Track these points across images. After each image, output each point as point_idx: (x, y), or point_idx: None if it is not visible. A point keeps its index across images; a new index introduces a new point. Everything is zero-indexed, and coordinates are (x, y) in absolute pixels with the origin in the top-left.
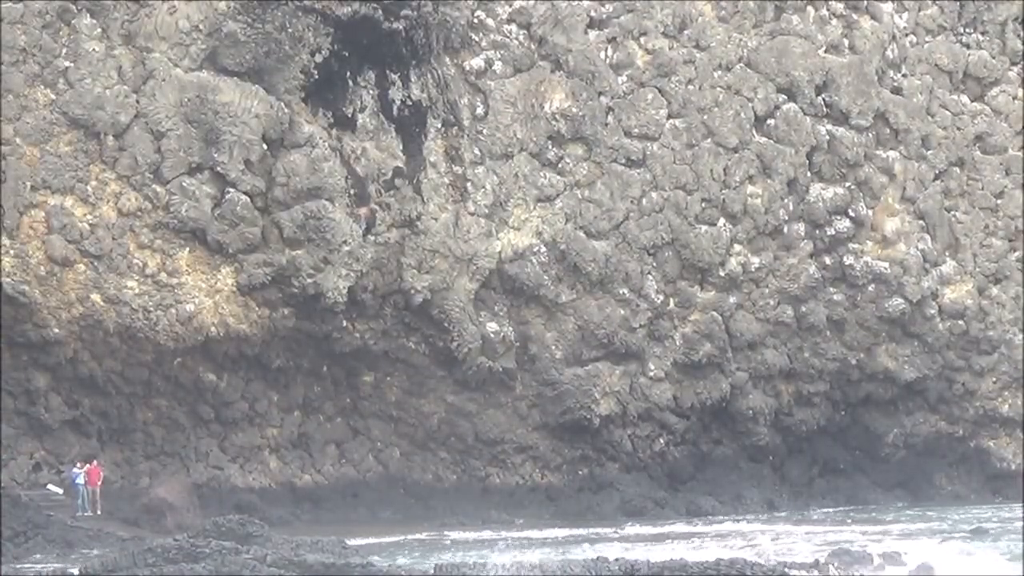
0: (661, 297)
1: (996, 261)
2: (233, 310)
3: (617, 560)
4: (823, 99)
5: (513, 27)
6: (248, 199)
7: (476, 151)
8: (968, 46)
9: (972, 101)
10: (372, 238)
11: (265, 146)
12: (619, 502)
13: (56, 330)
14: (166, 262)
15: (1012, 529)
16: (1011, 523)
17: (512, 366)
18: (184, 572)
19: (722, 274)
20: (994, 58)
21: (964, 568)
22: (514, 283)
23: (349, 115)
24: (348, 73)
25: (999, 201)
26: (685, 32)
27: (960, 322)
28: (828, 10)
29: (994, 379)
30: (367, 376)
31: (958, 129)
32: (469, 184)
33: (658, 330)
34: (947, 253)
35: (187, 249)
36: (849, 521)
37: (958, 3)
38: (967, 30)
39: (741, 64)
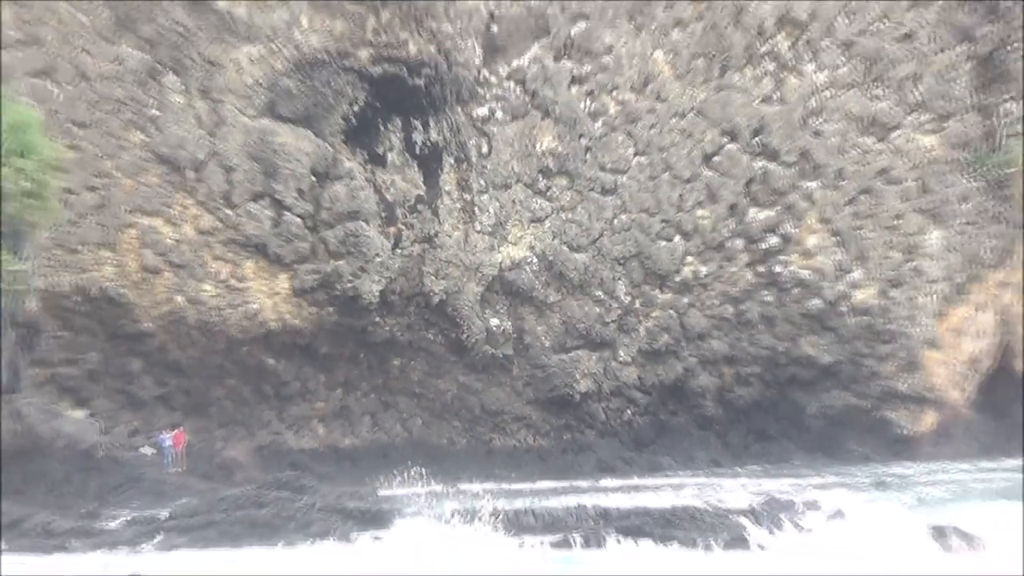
0: (629, 298)
1: (895, 270)
2: (288, 309)
3: (593, 507)
4: (758, 141)
5: (511, 83)
6: (300, 220)
7: (481, 182)
8: (874, 98)
9: (877, 142)
10: (399, 251)
11: (313, 178)
12: (595, 461)
13: (148, 325)
14: (235, 271)
15: (909, 482)
16: (908, 477)
17: (510, 353)
18: (251, 516)
19: (677, 280)
20: (895, 108)
21: (869, 513)
22: (512, 287)
23: (380, 153)
24: (379, 120)
25: (898, 222)
26: (648, 87)
27: (866, 318)
28: (762, 69)
29: (893, 363)
30: (395, 361)
31: (865, 164)
32: (476, 208)
33: (626, 324)
34: (856, 263)
35: (252, 260)
36: (771, 477)
37: (866, 63)
38: (873, 85)
39: (693, 113)
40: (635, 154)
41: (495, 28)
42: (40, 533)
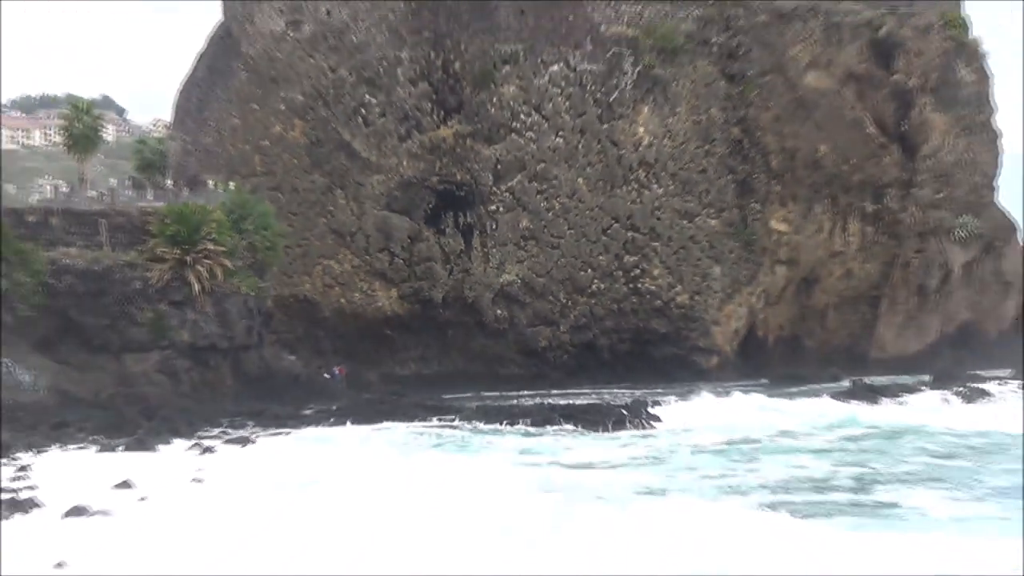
0: (566, 300)
1: (697, 286)
2: (397, 305)
3: (548, 404)
4: (630, 222)
5: (507, 194)
6: (402, 262)
7: (492, 243)
8: (686, 201)
9: (688, 223)
10: (451, 277)
11: (409, 240)
12: (548, 381)
13: (327, 314)
14: (370, 287)
15: (710, 392)
16: (712, 389)
17: (507, 328)
18: (377, 408)
19: (590, 291)
20: (696, 206)
21: (686, 406)
22: (507, 294)
23: (442, 228)
24: (442, 212)
25: (698, 262)
26: (575, 195)
27: (683, 310)
28: (631, 187)
29: (696, 332)
30: (449, 332)
31: (682, 234)
32: (489, 256)
33: (565, 312)
34: (678, 283)
35: (378, 281)
36: (635, 390)
37: (682, 184)
38: (686, 195)
39: (597, 208)
40: (568, 228)
41: (499, 166)
42: (272, 417)
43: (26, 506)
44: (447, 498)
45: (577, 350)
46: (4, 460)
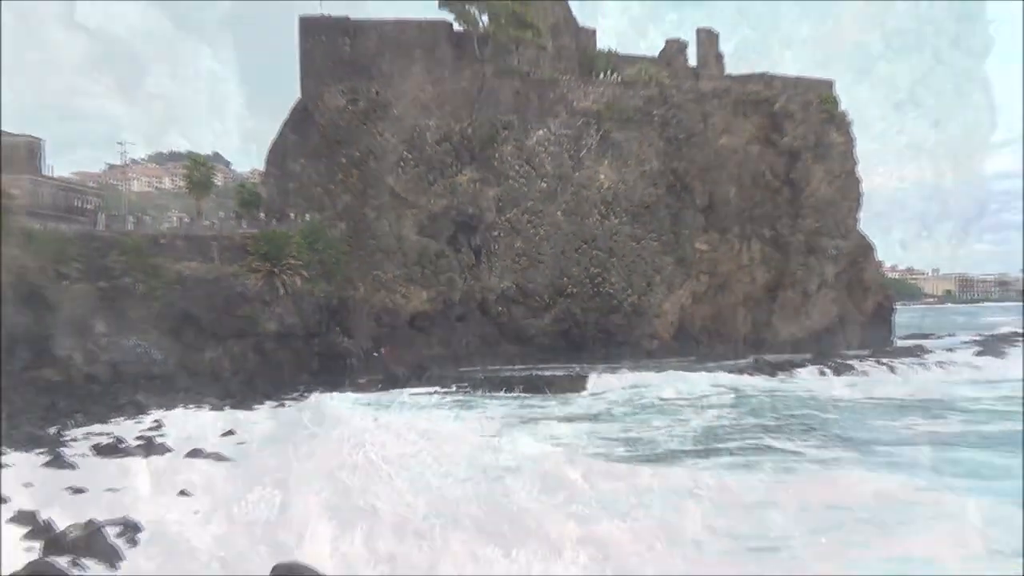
0: (549, 300)
1: (643, 289)
2: (427, 305)
3: (536, 376)
4: (594, 243)
5: (506, 223)
6: (430, 272)
7: (495, 259)
8: (636, 228)
9: (636, 244)
10: (465, 283)
11: (435, 257)
12: (535, 359)
13: (375, 310)
14: (407, 291)
15: (645, 366)
16: (645, 364)
17: (506, 320)
18: (409, 376)
19: (566, 293)
20: (643, 232)
21: (636, 377)
22: (506, 296)
23: (459, 249)
24: (459, 236)
25: (644, 271)
26: (555, 225)
27: (635, 307)
28: (595, 218)
29: (644, 322)
30: (464, 323)
31: (632, 250)
32: (493, 268)
33: (548, 308)
34: (630, 287)
35: (413, 287)
36: (599, 364)
37: (633, 215)
38: (636, 223)
39: (571, 234)
40: (550, 248)
41: (500, 203)
42: (335, 385)
43: (160, 449)
44: (452, 437)
45: (557, 336)
46: (139, 417)
